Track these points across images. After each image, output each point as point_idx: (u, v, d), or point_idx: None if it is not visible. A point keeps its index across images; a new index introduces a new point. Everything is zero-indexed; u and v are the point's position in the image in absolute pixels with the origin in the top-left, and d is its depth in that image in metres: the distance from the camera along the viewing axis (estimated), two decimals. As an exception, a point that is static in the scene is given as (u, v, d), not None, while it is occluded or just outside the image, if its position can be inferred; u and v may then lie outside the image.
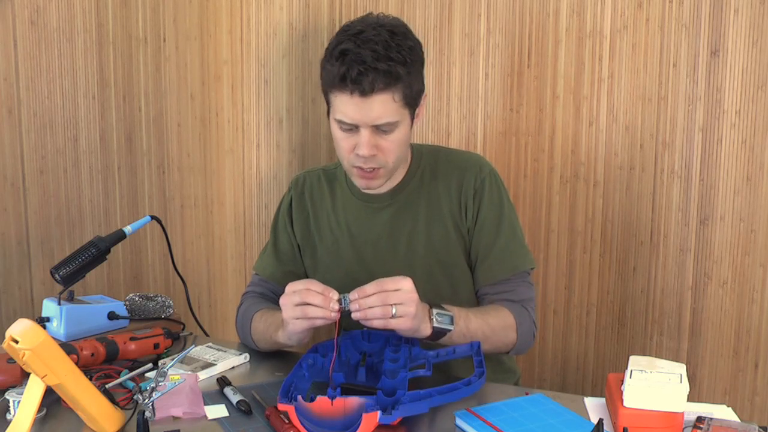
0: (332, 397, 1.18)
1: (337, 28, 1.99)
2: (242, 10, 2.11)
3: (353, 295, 1.28)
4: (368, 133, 1.41)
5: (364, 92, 1.36)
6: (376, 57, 1.35)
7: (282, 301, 1.33)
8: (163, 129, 2.24)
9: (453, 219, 1.54)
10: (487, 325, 1.44)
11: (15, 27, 1.97)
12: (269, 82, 2.13)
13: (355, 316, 1.28)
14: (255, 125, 2.16)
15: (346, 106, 1.39)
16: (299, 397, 1.18)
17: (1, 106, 1.97)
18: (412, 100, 1.44)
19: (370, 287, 1.28)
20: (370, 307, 1.27)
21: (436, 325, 1.34)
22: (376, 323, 1.28)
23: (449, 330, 1.36)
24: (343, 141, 1.45)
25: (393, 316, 1.27)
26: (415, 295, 1.28)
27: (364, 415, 1.14)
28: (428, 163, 1.58)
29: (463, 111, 1.94)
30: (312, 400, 1.17)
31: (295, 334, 1.35)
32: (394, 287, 1.27)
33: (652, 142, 1.80)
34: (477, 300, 1.58)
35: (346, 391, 1.24)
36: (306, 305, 1.29)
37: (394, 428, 1.20)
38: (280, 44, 2.09)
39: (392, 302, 1.26)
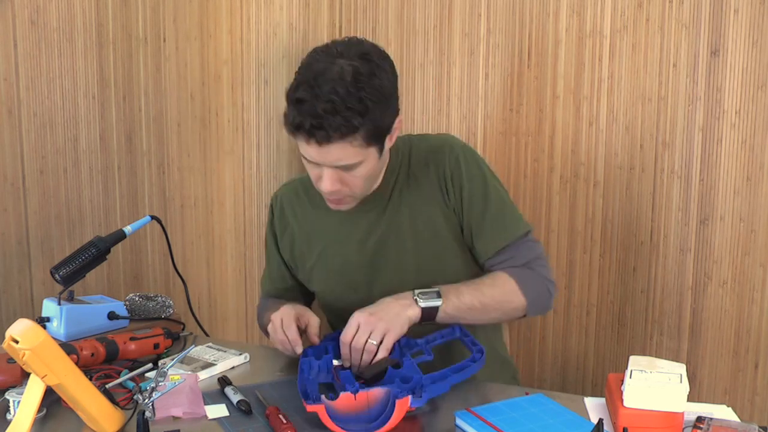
0: (354, 392, 1.18)
1: (337, 28, 2.01)
2: (242, 10, 2.12)
3: (346, 364, 1.37)
4: (330, 171, 1.39)
5: (320, 143, 1.34)
6: (332, 109, 1.30)
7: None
8: (163, 129, 2.24)
9: (438, 205, 1.53)
10: (483, 294, 1.44)
11: (15, 27, 1.97)
12: (269, 82, 2.13)
13: (363, 371, 1.36)
14: (255, 125, 2.16)
15: (305, 148, 1.38)
16: (323, 397, 1.19)
17: (1, 106, 1.97)
18: (376, 138, 1.39)
19: (343, 350, 1.36)
20: (361, 360, 1.35)
21: (422, 305, 1.39)
22: (379, 359, 1.35)
23: (438, 305, 1.40)
24: (310, 170, 1.44)
25: (379, 344, 1.34)
26: (371, 318, 1.35)
27: (398, 402, 1.16)
28: (404, 158, 1.56)
29: (463, 111, 1.94)
30: (333, 398, 1.18)
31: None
32: (354, 331, 1.35)
33: (652, 142, 1.80)
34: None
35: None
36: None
37: (395, 428, 1.20)
38: (280, 44, 2.09)
39: (364, 341, 1.34)
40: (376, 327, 1.34)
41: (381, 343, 1.34)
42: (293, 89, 1.36)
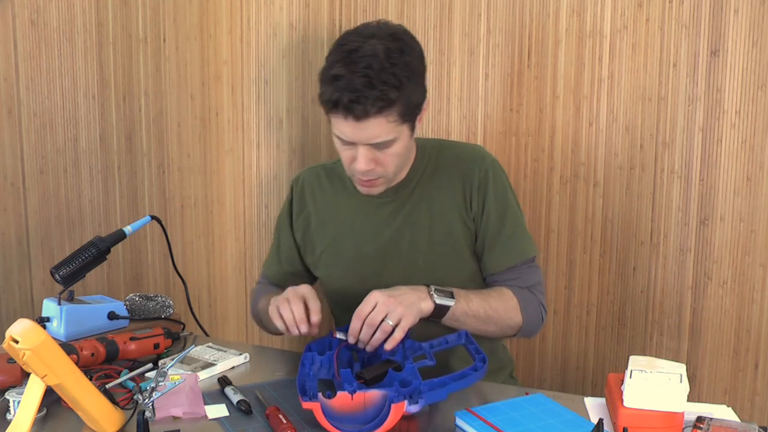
0: (352, 392, 1.18)
1: (337, 28, 2.01)
2: (242, 10, 2.11)
3: (351, 339, 1.37)
4: (365, 149, 1.42)
5: (358, 118, 1.37)
6: (368, 83, 1.34)
7: (276, 304, 1.42)
8: (163, 129, 2.24)
9: (458, 211, 1.55)
10: (489, 306, 1.48)
11: (15, 27, 1.97)
12: (269, 82, 2.13)
13: (369, 349, 1.37)
14: (255, 125, 2.16)
15: (342, 126, 1.40)
16: (320, 395, 1.18)
17: (1, 106, 1.97)
18: (409, 115, 1.43)
19: (355, 323, 1.35)
20: (371, 338, 1.35)
21: (437, 301, 1.41)
22: (392, 344, 1.35)
23: (450, 305, 1.42)
24: (343, 152, 1.47)
25: (394, 327, 1.34)
26: (390, 300, 1.34)
27: (393, 406, 1.16)
28: (431, 158, 1.59)
29: (463, 111, 1.94)
30: (330, 396, 1.18)
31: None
32: (371, 307, 1.35)
33: (652, 142, 1.80)
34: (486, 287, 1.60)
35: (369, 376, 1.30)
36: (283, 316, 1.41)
37: (394, 428, 1.20)
38: (280, 44, 2.09)
39: (380, 319, 1.34)
40: (394, 309, 1.34)
41: (396, 325, 1.34)
42: (328, 67, 1.40)
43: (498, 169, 1.58)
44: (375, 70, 1.34)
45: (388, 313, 1.33)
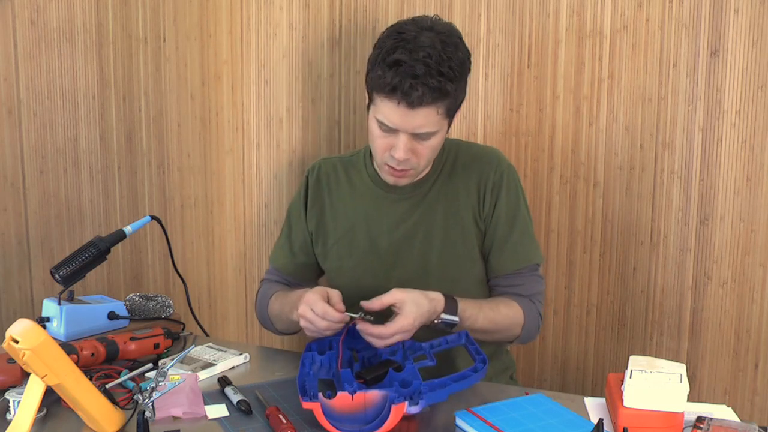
0: (352, 392, 1.18)
1: (337, 28, 2.01)
2: (242, 10, 2.11)
3: (356, 313, 1.37)
4: (406, 138, 1.43)
5: (412, 105, 1.38)
6: (428, 71, 1.35)
7: (300, 311, 1.38)
8: (163, 129, 2.24)
9: (471, 211, 1.56)
10: (494, 322, 1.49)
11: (15, 27, 1.97)
12: (269, 82, 2.13)
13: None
14: (255, 125, 2.16)
15: (391, 112, 1.40)
16: (320, 395, 1.18)
17: (1, 106, 1.97)
18: (453, 111, 1.46)
19: (370, 330, 1.36)
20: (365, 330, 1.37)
21: (438, 325, 1.42)
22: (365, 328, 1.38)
23: (452, 325, 1.43)
24: (379, 139, 1.47)
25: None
26: (411, 325, 1.35)
27: (393, 407, 1.16)
28: (449, 158, 1.60)
29: (463, 111, 1.94)
30: (330, 396, 1.18)
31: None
32: (399, 320, 1.34)
33: (652, 142, 1.80)
34: (489, 289, 1.62)
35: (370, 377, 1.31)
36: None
37: (394, 428, 1.20)
38: (280, 44, 2.09)
39: (390, 337, 1.35)
40: (406, 336, 1.36)
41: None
42: (387, 53, 1.40)
43: (513, 174, 1.59)
44: (434, 60, 1.36)
45: (401, 338, 1.36)
